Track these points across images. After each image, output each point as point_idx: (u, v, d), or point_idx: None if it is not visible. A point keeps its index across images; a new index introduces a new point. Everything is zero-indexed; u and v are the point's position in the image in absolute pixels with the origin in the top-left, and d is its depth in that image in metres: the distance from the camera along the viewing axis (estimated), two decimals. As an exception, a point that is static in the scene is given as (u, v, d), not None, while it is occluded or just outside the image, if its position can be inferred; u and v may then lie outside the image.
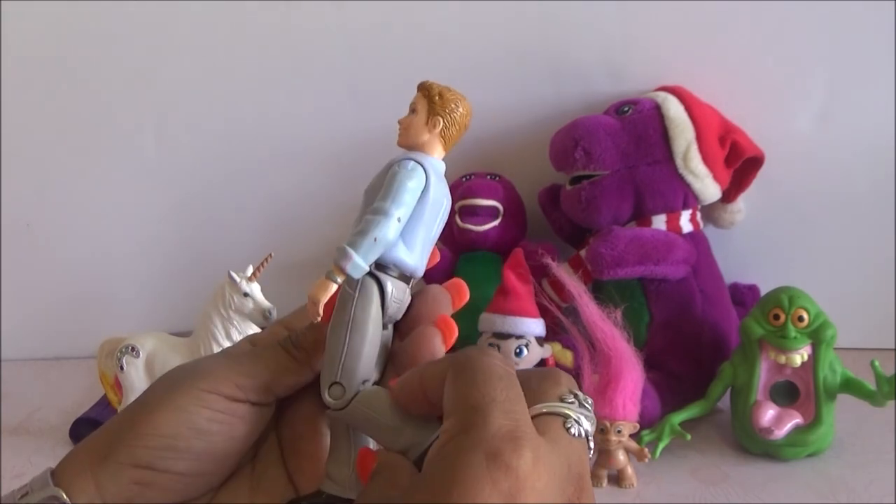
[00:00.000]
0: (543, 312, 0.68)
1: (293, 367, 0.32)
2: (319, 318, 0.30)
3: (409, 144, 0.33)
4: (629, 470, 0.62)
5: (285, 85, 0.84)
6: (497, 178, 0.81)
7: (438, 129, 0.32)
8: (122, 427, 0.30)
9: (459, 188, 0.79)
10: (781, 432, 0.62)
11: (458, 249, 0.79)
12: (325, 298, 0.30)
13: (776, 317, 0.63)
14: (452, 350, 0.29)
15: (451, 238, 0.79)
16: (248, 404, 0.31)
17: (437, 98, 0.33)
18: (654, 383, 0.66)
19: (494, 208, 0.78)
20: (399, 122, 0.33)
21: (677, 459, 0.64)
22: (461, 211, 0.77)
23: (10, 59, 0.85)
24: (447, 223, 0.34)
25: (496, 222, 0.78)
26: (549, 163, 0.76)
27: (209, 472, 0.31)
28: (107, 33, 0.85)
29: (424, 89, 0.33)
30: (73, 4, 0.83)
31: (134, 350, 0.67)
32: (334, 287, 0.30)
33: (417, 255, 0.32)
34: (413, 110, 0.33)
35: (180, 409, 0.29)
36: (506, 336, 0.67)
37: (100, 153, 0.88)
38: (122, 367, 0.67)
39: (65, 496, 0.28)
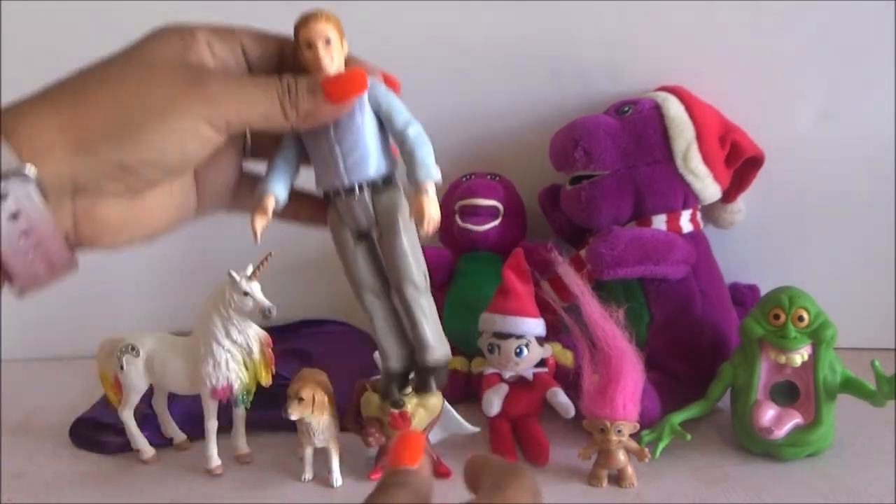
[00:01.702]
0: (544, 312, 0.68)
1: (278, 121, 0.34)
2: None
3: (337, 69, 0.35)
4: (629, 470, 0.61)
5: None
6: (497, 178, 0.81)
7: (347, 49, 0.36)
8: (115, 123, 0.31)
9: (459, 188, 0.79)
10: (781, 432, 0.62)
11: (458, 249, 0.79)
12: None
13: (776, 317, 0.63)
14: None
15: (451, 238, 0.78)
16: (225, 137, 0.33)
17: (338, 23, 0.35)
18: (654, 383, 0.66)
19: (494, 208, 0.78)
20: (320, 56, 0.35)
21: (677, 459, 0.64)
22: (461, 211, 0.77)
23: (10, 58, 0.85)
24: (447, 223, 0.36)
25: (496, 222, 0.78)
26: (549, 163, 0.76)
27: (171, 180, 0.35)
28: (107, 33, 0.84)
29: (329, 19, 0.35)
30: (73, 4, 0.83)
31: (134, 350, 0.67)
32: None
33: None
34: (327, 41, 0.35)
35: (177, 134, 0.32)
36: (506, 336, 0.67)
37: (100, 153, 0.88)
38: (122, 367, 0.67)
39: (32, 171, 0.30)
